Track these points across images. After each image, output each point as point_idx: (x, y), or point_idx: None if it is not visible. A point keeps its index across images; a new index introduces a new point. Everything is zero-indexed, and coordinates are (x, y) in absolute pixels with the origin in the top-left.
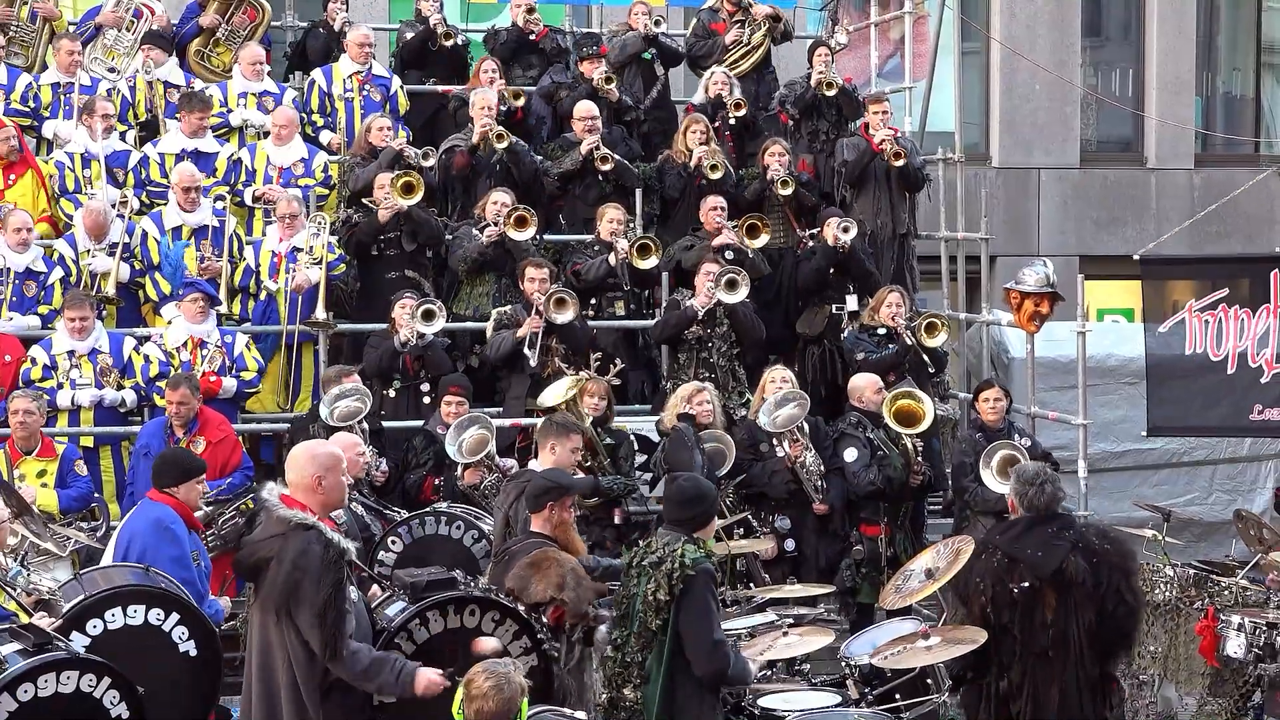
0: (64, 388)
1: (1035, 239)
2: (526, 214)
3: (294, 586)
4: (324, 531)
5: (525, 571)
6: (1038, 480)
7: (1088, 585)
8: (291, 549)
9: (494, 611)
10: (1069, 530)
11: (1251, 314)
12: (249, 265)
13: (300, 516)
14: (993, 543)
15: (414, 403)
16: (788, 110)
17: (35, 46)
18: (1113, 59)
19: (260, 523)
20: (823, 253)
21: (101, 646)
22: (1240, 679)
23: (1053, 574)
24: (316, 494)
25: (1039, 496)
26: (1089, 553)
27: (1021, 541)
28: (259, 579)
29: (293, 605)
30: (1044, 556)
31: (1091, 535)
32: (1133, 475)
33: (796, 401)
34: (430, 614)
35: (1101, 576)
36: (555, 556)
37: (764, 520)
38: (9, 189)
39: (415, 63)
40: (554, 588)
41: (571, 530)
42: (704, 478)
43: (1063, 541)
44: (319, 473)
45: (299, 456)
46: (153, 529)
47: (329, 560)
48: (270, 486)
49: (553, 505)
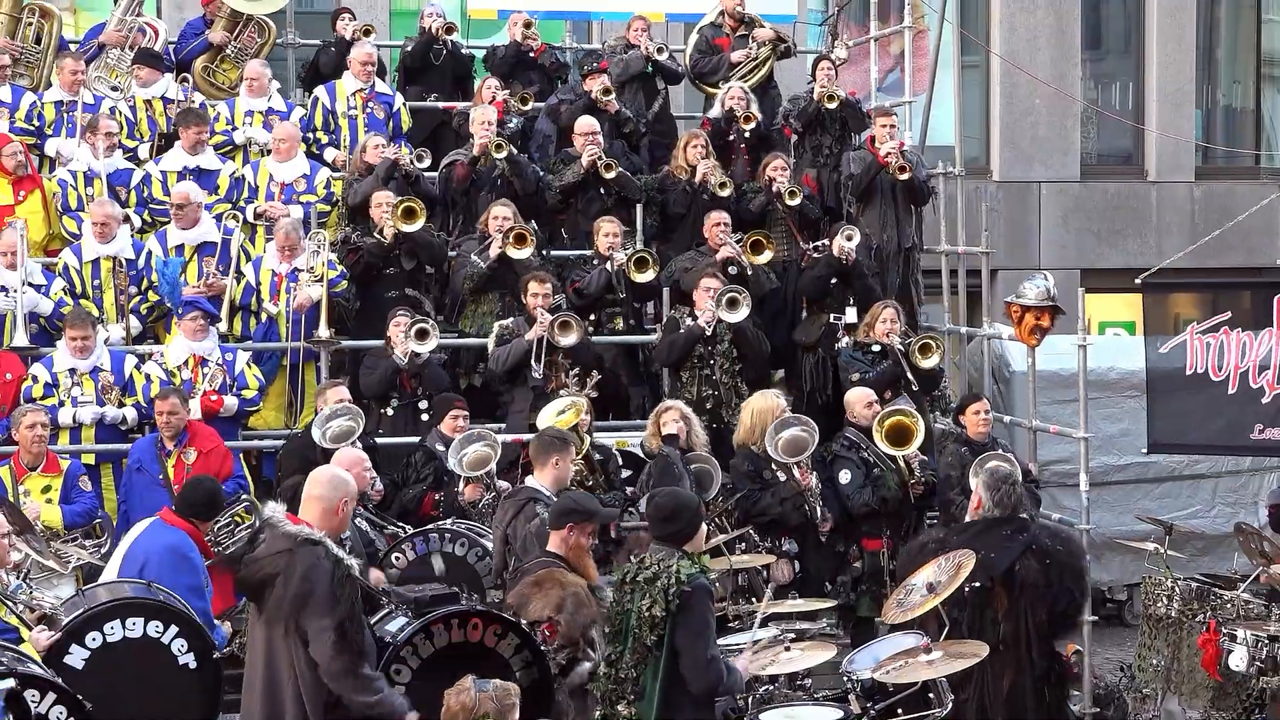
0: (65, 405)
1: (1036, 252)
2: (525, 232)
3: (303, 600)
4: (331, 547)
5: (527, 589)
6: (1010, 479)
7: (1039, 586)
8: (300, 564)
9: (496, 626)
10: (1023, 533)
11: (1254, 337)
12: (249, 284)
13: (307, 533)
14: (949, 543)
15: (412, 421)
16: (791, 125)
17: (40, 67)
18: (1113, 72)
19: (263, 540)
20: (826, 261)
21: (101, 659)
22: (1243, 692)
23: (1004, 574)
24: (335, 517)
25: (1009, 495)
26: (1041, 554)
27: (976, 541)
28: (263, 596)
29: (301, 619)
30: (997, 558)
31: (1044, 537)
32: (1135, 489)
33: (800, 425)
34: (435, 628)
35: (1052, 576)
36: (560, 578)
37: (773, 545)
38: (19, 204)
39: (419, 72)
40: (551, 607)
41: (586, 556)
42: (681, 490)
43: (1016, 543)
44: (345, 498)
45: (330, 478)
46: (170, 555)
47: (341, 576)
48: (272, 505)
49: (572, 527)
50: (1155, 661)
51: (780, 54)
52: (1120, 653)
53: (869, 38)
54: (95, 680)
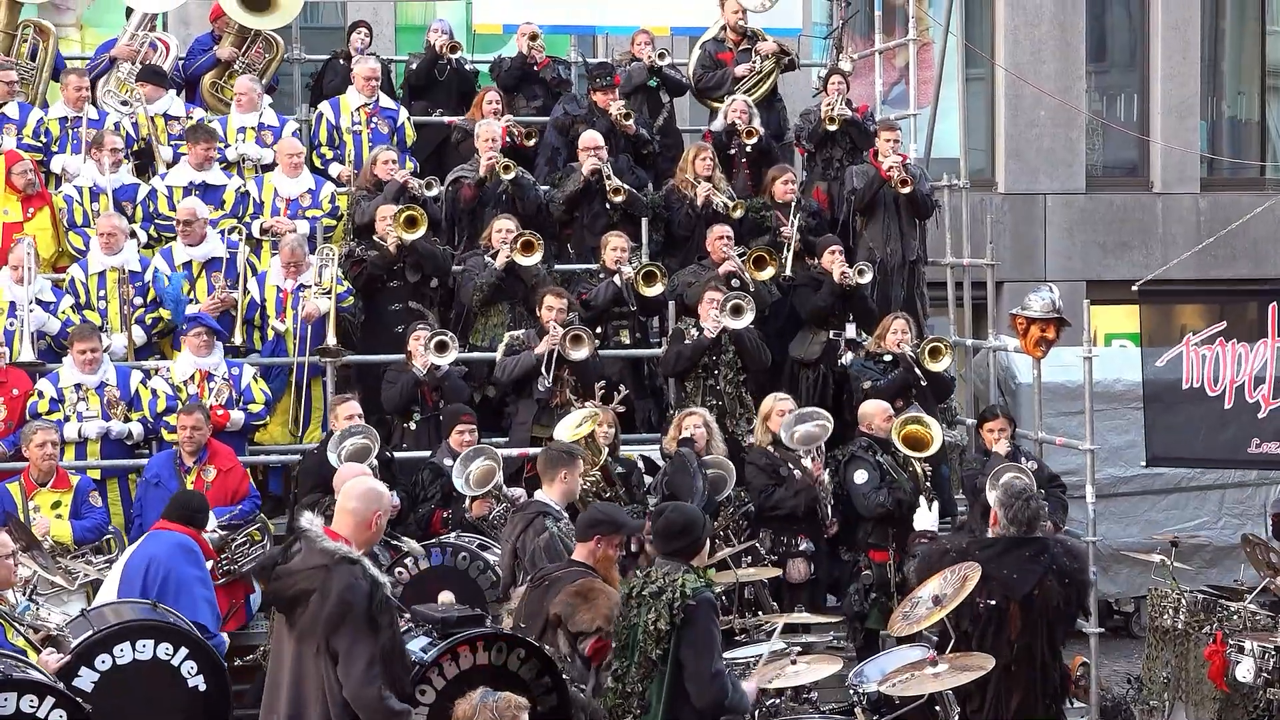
0: (70, 421)
1: (1041, 264)
2: (533, 239)
3: (338, 621)
4: (368, 567)
5: (573, 599)
6: (1023, 496)
7: (1059, 606)
8: (337, 582)
9: (520, 649)
10: (1044, 554)
11: (1249, 348)
12: (254, 299)
13: (345, 550)
14: (970, 556)
15: (434, 434)
16: (803, 144)
17: (36, 84)
18: (1118, 84)
19: (298, 552)
20: (829, 288)
21: (111, 682)
22: (1250, 704)
23: (1023, 597)
24: (368, 531)
25: (1023, 511)
26: (1061, 574)
27: (998, 561)
28: (294, 611)
29: (334, 639)
30: (1018, 579)
31: (1063, 556)
32: (1141, 500)
33: (816, 420)
34: (460, 650)
35: (1072, 595)
36: (603, 589)
37: (789, 545)
38: (28, 221)
39: (424, 89)
40: (601, 619)
41: (613, 568)
42: (690, 506)
43: (1038, 565)
44: (380, 511)
45: (364, 490)
46: (176, 550)
47: (380, 599)
48: (309, 517)
49: (600, 538)
50: (1162, 673)
51: (784, 67)
52: (1127, 664)
53: (874, 50)
54: (104, 702)
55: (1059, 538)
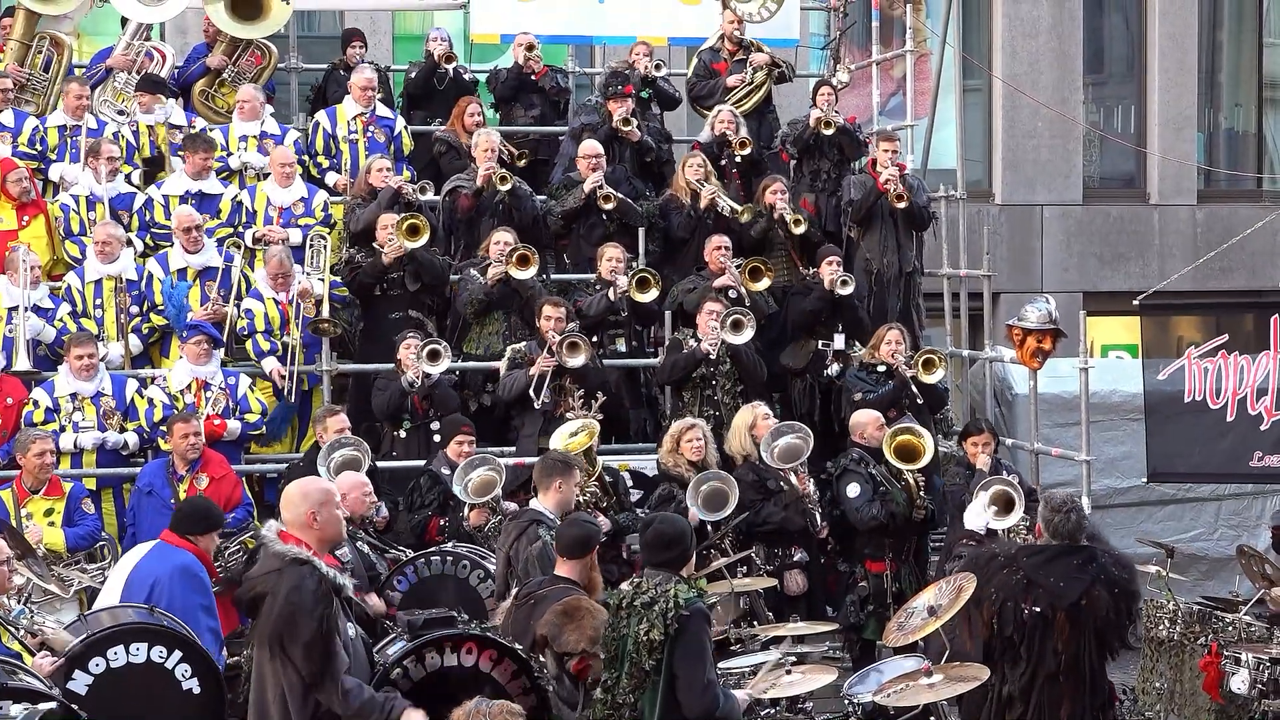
0: (66, 430)
1: (1038, 275)
2: (528, 253)
3: (287, 620)
4: (318, 566)
5: (558, 620)
6: (1064, 508)
7: (1109, 615)
8: (285, 583)
9: (492, 650)
10: (1092, 564)
11: (1251, 361)
12: (249, 322)
13: (295, 551)
14: (1018, 562)
15: (425, 443)
16: (788, 150)
17: (47, 95)
18: (1115, 95)
19: (260, 558)
20: (818, 295)
21: (104, 685)
22: (1245, 715)
23: (1070, 605)
24: (313, 530)
25: (1064, 524)
26: (1110, 584)
27: (1046, 568)
28: (256, 614)
29: (286, 639)
30: (1065, 587)
31: (1112, 566)
32: (1137, 511)
33: (795, 433)
34: (427, 651)
35: (1121, 605)
36: (589, 607)
37: (783, 556)
38: (23, 229)
39: (423, 98)
40: (587, 640)
41: (595, 570)
42: (679, 517)
43: (1085, 575)
44: (312, 508)
45: (292, 494)
46: (181, 576)
47: (320, 594)
48: (271, 524)
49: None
50: (1157, 684)
51: (777, 79)
52: (1122, 675)
53: (871, 61)
54: (99, 706)
55: (1107, 548)
